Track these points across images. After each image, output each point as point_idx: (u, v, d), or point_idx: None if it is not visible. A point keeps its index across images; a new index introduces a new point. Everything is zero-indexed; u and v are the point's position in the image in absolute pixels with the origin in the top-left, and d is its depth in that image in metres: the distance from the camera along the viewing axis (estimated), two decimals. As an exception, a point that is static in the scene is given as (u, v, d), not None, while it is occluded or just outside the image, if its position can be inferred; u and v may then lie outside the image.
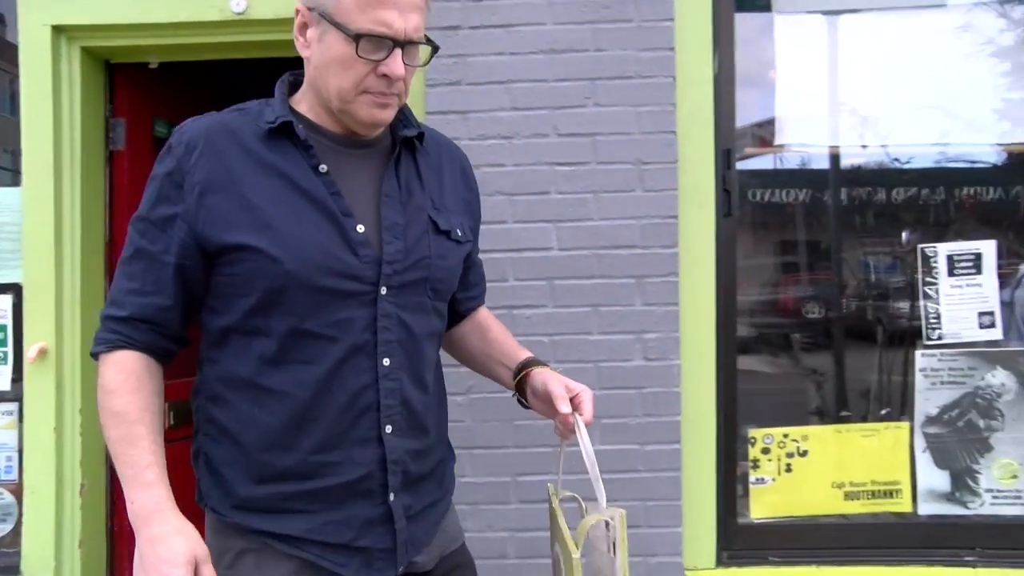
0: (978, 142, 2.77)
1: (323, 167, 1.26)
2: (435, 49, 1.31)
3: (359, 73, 1.23)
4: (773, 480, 2.49)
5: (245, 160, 1.24)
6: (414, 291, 1.30)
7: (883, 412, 2.60)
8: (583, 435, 1.30)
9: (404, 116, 1.39)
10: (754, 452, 2.49)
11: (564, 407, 1.31)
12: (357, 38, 1.21)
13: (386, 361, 1.27)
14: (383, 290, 1.26)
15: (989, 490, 2.49)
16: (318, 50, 1.26)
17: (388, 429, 1.28)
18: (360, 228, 1.26)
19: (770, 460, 2.49)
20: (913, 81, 2.81)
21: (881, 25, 2.81)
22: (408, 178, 1.35)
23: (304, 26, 1.28)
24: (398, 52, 1.23)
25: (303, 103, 1.33)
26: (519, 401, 1.47)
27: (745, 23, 2.72)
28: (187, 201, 1.22)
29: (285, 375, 1.23)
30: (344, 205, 1.25)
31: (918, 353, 2.52)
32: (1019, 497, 2.48)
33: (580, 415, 1.32)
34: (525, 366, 1.45)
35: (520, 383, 1.44)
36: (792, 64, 2.84)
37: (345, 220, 1.25)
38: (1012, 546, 2.43)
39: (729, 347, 2.46)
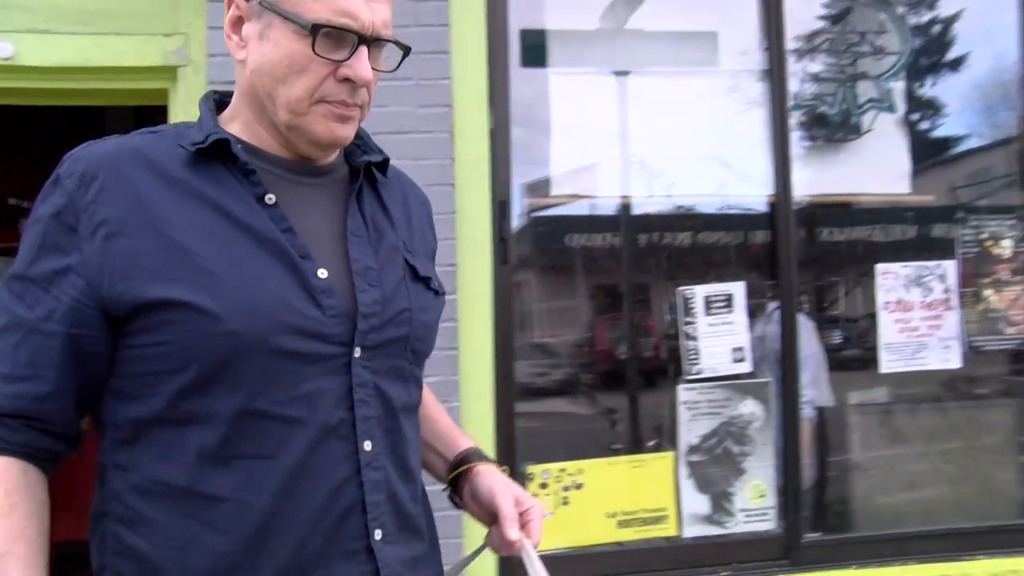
0: (745, 193, 3.15)
1: (270, 197, 1.02)
2: (406, 52, 1.09)
3: (315, 76, 1.01)
4: (552, 513, 2.70)
5: (166, 190, 0.99)
6: (393, 353, 1.07)
7: (651, 443, 2.89)
8: (534, 562, 1.08)
9: (361, 139, 1.16)
10: (532, 488, 2.70)
11: (513, 532, 1.08)
12: (314, 31, 0.98)
13: (368, 445, 1.02)
14: (356, 351, 1.02)
15: (743, 510, 2.82)
16: (259, 50, 1.03)
17: (378, 535, 1.02)
18: (322, 273, 1.01)
19: (548, 495, 2.71)
20: (692, 136, 3.17)
21: (662, 85, 3.16)
22: (374, 214, 1.13)
23: (238, 21, 1.05)
24: (364, 51, 1.02)
25: (235, 123, 1.09)
26: (451, 499, 1.24)
27: (532, 80, 2.99)
28: (84, 249, 0.95)
29: (234, 476, 0.95)
30: (300, 244, 1.01)
31: (680, 387, 2.82)
32: (766, 515, 2.83)
33: (528, 537, 1.09)
34: (465, 460, 1.22)
35: (457, 478, 1.22)
36: (581, 119, 3.14)
37: (303, 263, 1.00)
38: (760, 558, 2.76)
39: (507, 388, 2.66)
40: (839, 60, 3.14)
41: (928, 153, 3.31)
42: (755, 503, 2.82)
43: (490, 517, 1.14)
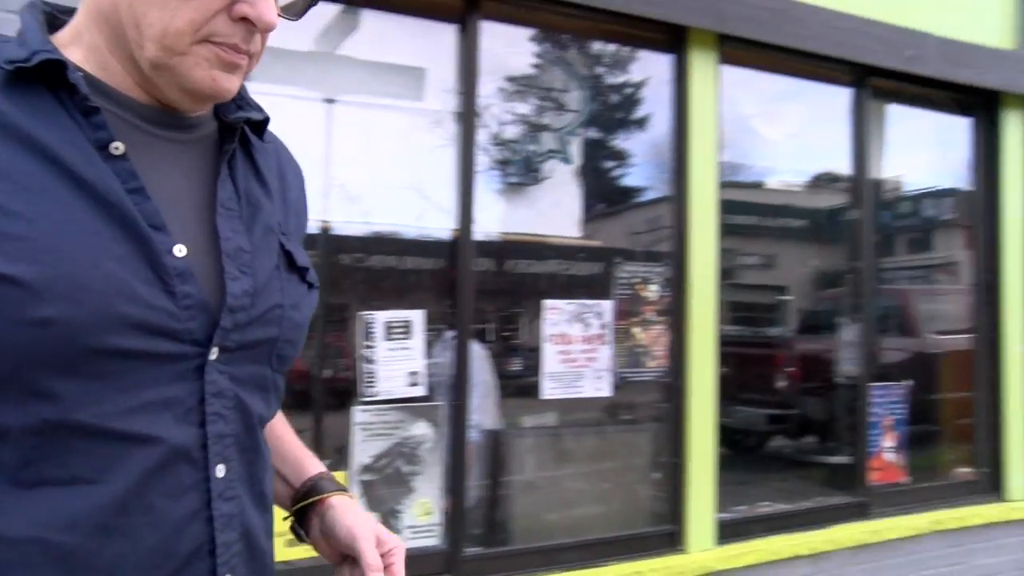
0: (436, 225, 3.37)
1: (117, 146, 0.80)
2: None
3: (205, 9, 0.81)
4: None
5: None
6: (257, 357, 0.88)
7: (326, 463, 3.00)
8: None
9: (239, 92, 0.96)
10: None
11: None
12: None
13: (220, 470, 0.83)
14: (213, 353, 0.82)
15: (409, 526, 3.02)
16: None
17: None
18: (179, 250, 0.81)
19: (213, 515, 2.72)
20: (394, 165, 3.34)
21: (368, 113, 3.30)
22: (247, 184, 0.93)
23: None
24: None
25: (76, 47, 0.84)
26: (294, 531, 1.07)
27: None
28: None
29: (37, 507, 0.73)
30: (151, 210, 0.80)
31: (356, 409, 2.97)
32: (431, 531, 3.06)
33: None
34: (316, 489, 1.04)
35: (305, 509, 1.05)
36: (285, 139, 3.18)
37: (154, 236, 0.79)
38: (424, 572, 2.99)
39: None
40: (526, 111, 3.50)
41: (601, 201, 3.77)
42: (422, 520, 3.03)
43: (341, 557, 1.01)
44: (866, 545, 3.91)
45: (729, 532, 3.55)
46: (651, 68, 3.75)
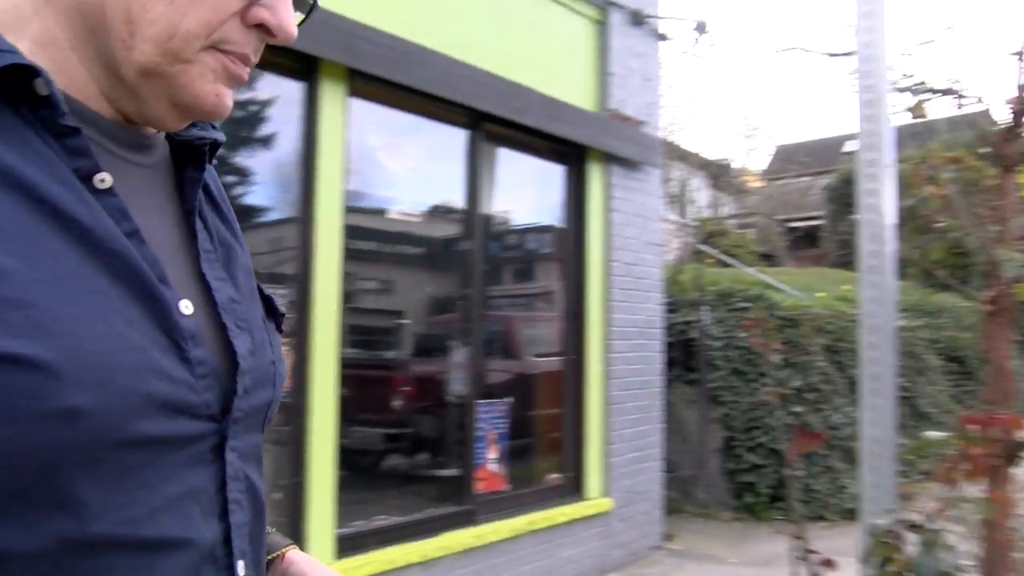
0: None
1: (103, 178, 0.64)
2: (311, 8, 0.78)
3: (220, 10, 0.67)
4: None
5: None
6: (254, 425, 0.75)
7: None
8: None
9: None
10: None
11: None
12: None
13: (241, 568, 0.69)
14: (229, 426, 0.69)
15: None
16: None
17: None
18: (185, 307, 0.67)
19: None
20: None
21: None
22: (214, 220, 0.80)
23: None
24: None
25: (19, 39, 0.64)
26: None
27: None
28: None
29: None
30: (151, 258, 0.65)
31: None
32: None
33: None
34: (270, 547, 0.91)
35: None
36: None
37: (164, 291, 0.65)
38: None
39: None
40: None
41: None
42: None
43: None
44: (472, 549, 4.37)
45: (348, 546, 3.76)
46: (280, 89, 3.88)
